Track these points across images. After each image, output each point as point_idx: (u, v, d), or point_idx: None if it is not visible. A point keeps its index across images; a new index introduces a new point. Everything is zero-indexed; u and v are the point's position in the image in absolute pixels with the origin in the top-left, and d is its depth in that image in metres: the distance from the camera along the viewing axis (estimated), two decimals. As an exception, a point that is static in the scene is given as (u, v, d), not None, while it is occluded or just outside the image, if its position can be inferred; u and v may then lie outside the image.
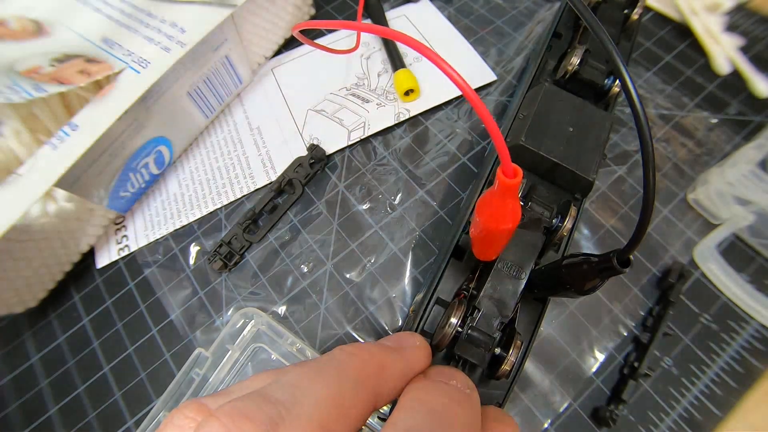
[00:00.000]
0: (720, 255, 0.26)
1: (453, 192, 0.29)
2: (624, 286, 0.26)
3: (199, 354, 0.24)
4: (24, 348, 0.27)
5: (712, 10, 0.34)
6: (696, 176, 0.29)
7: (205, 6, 0.27)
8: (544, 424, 0.23)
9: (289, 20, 0.34)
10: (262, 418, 0.11)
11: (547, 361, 0.24)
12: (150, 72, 0.25)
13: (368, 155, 0.30)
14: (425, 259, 0.27)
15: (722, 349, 0.24)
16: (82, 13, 0.28)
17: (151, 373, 0.25)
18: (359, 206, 0.29)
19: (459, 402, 0.14)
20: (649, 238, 0.27)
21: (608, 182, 0.29)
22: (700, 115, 0.31)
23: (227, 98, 0.32)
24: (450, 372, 0.16)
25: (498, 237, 0.16)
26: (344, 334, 0.25)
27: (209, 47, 0.28)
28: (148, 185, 0.30)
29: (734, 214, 0.26)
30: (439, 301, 0.22)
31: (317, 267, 0.27)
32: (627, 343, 0.25)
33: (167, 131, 0.28)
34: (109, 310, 0.27)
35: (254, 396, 0.12)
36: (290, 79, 0.34)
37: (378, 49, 0.34)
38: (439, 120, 0.31)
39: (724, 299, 0.25)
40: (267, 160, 0.30)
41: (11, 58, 0.25)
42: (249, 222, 0.28)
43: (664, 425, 0.23)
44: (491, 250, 0.19)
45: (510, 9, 0.36)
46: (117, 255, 0.29)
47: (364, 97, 0.32)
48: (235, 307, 0.26)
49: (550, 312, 0.25)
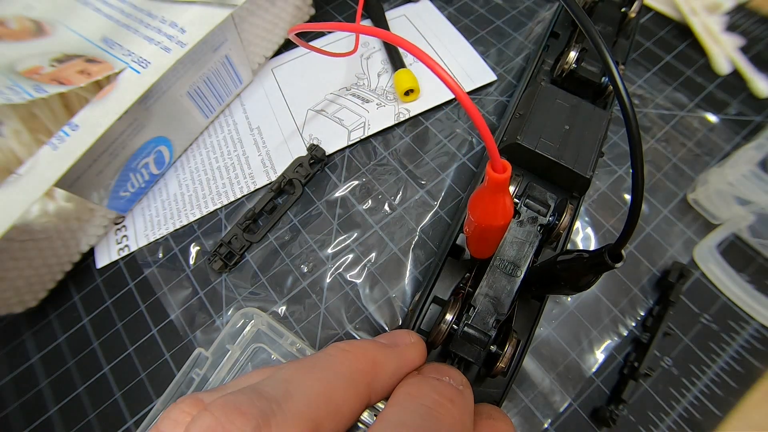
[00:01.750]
0: (720, 255, 0.26)
1: (453, 192, 0.29)
2: (624, 286, 0.26)
3: (199, 354, 0.24)
4: (24, 348, 0.27)
5: (712, 10, 0.34)
6: (696, 176, 0.29)
7: (205, 6, 0.27)
8: (544, 424, 0.23)
9: (289, 20, 0.34)
10: (254, 412, 0.12)
11: (547, 361, 0.24)
12: (150, 72, 0.25)
13: (368, 155, 0.30)
14: (425, 259, 0.27)
15: (722, 349, 0.24)
16: (82, 13, 0.28)
17: (151, 373, 0.25)
18: (359, 206, 0.29)
19: (450, 398, 0.15)
20: (649, 238, 0.27)
21: (608, 182, 0.29)
22: (700, 115, 0.31)
23: (227, 98, 0.32)
24: (444, 369, 0.16)
25: (491, 234, 0.16)
26: (344, 334, 0.25)
27: (209, 47, 0.28)
28: (148, 185, 0.30)
29: (734, 214, 0.26)
30: (435, 299, 0.22)
31: (317, 267, 0.27)
32: (627, 343, 0.25)
33: (167, 131, 0.28)
34: (109, 310, 0.27)
35: (247, 390, 0.13)
36: (290, 79, 0.34)
37: (378, 49, 0.34)
38: (439, 120, 0.31)
39: (724, 299, 0.25)
40: (267, 160, 0.30)
41: (11, 59, 0.25)
42: (249, 222, 0.28)
43: (664, 425, 0.23)
44: (486, 248, 0.19)
45: (510, 9, 0.36)
46: (117, 255, 0.29)
47: (364, 97, 0.32)
48: (235, 307, 0.26)
49: (549, 312, 0.25)
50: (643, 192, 0.12)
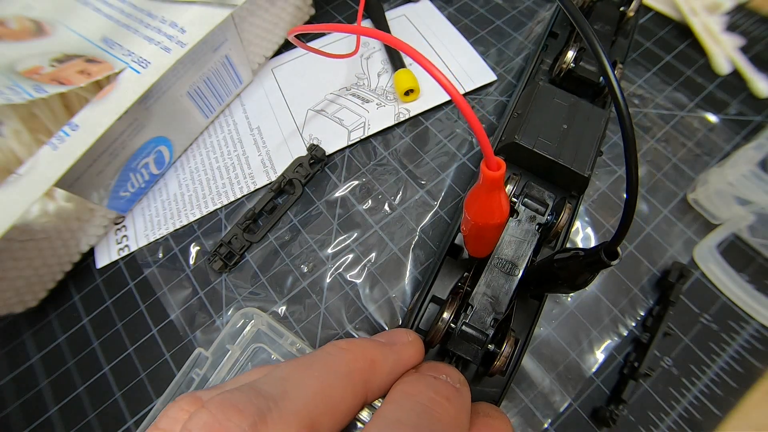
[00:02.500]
0: (720, 255, 0.26)
1: (453, 192, 0.29)
2: (624, 286, 0.26)
3: (199, 354, 0.24)
4: (24, 348, 0.27)
5: (712, 10, 0.34)
6: (696, 176, 0.29)
7: (205, 6, 0.27)
8: (544, 424, 0.23)
9: (289, 20, 0.34)
10: (251, 410, 0.12)
11: (547, 361, 0.24)
12: (150, 72, 0.25)
13: (368, 155, 0.30)
14: (425, 258, 0.27)
15: (722, 349, 0.24)
16: (82, 13, 0.28)
17: (151, 373, 0.25)
18: (359, 206, 0.29)
19: (447, 396, 0.15)
20: (649, 238, 0.27)
21: (608, 182, 0.29)
22: (700, 115, 0.31)
23: (227, 98, 0.32)
24: (441, 367, 0.16)
25: (488, 232, 0.16)
26: (344, 333, 0.25)
27: (209, 47, 0.28)
28: (148, 185, 0.30)
29: (734, 214, 0.26)
30: (434, 298, 0.22)
31: (317, 267, 0.27)
32: (627, 343, 0.25)
33: (167, 131, 0.28)
34: (109, 310, 0.27)
35: (245, 388, 0.13)
36: (290, 79, 0.34)
37: (378, 49, 0.34)
38: (439, 120, 0.31)
39: (724, 299, 0.25)
40: (267, 160, 0.30)
41: (11, 59, 0.26)
42: (249, 222, 0.28)
43: (664, 425, 0.23)
44: (483, 247, 0.19)
45: (510, 9, 0.36)
46: (117, 255, 0.29)
47: (364, 97, 0.32)
48: (235, 307, 0.26)
49: (549, 312, 0.25)
50: (638, 189, 0.12)
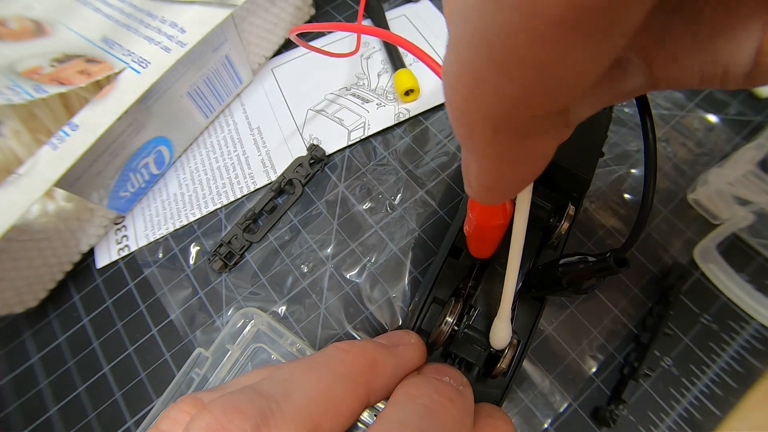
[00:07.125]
0: (720, 255, 0.26)
1: (453, 192, 0.29)
2: (624, 286, 0.26)
3: (199, 354, 0.24)
4: (24, 348, 0.27)
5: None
6: (696, 176, 0.29)
7: (205, 6, 0.27)
8: (544, 424, 0.23)
9: (289, 20, 0.34)
10: (253, 411, 0.12)
11: (547, 361, 0.24)
12: (150, 72, 0.25)
13: (368, 155, 0.30)
14: (425, 259, 0.27)
15: (722, 349, 0.24)
16: (82, 13, 0.28)
17: (151, 373, 0.25)
18: (359, 206, 0.29)
19: (450, 398, 0.15)
20: (649, 238, 0.27)
21: (608, 182, 0.29)
22: (700, 115, 0.31)
23: (227, 98, 0.32)
24: (444, 369, 0.16)
25: (490, 233, 0.16)
26: (344, 333, 0.25)
27: (209, 47, 0.28)
28: (148, 185, 0.30)
29: (734, 214, 0.26)
30: (436, 300, 0.22)
31: (317, 267, 0.27)
32: (627, 343, 0.25)
33: (167, 131, 0.28)
34: (109, 310, 0.27)
35: (247, 390, 0.13)
36: (290, 79, 0.34)
37: (378, 49, 0.34)
38: (439, 120, 0.31)
39: (724, 299, 0.25)
40: (267, 160, 0.30)
41: (11, 59, 0.25)
42: (249, 222, 0.28)
43: (664, 425, 0.23)
44: (485, 248, 0.19)
45: (510, 9, 0.36)
46: (117, 255, 0.29)
47: (364, 97, 0.32)
48: (235, 307, 0.26)
49: (550, 312, 0.25)
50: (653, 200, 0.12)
